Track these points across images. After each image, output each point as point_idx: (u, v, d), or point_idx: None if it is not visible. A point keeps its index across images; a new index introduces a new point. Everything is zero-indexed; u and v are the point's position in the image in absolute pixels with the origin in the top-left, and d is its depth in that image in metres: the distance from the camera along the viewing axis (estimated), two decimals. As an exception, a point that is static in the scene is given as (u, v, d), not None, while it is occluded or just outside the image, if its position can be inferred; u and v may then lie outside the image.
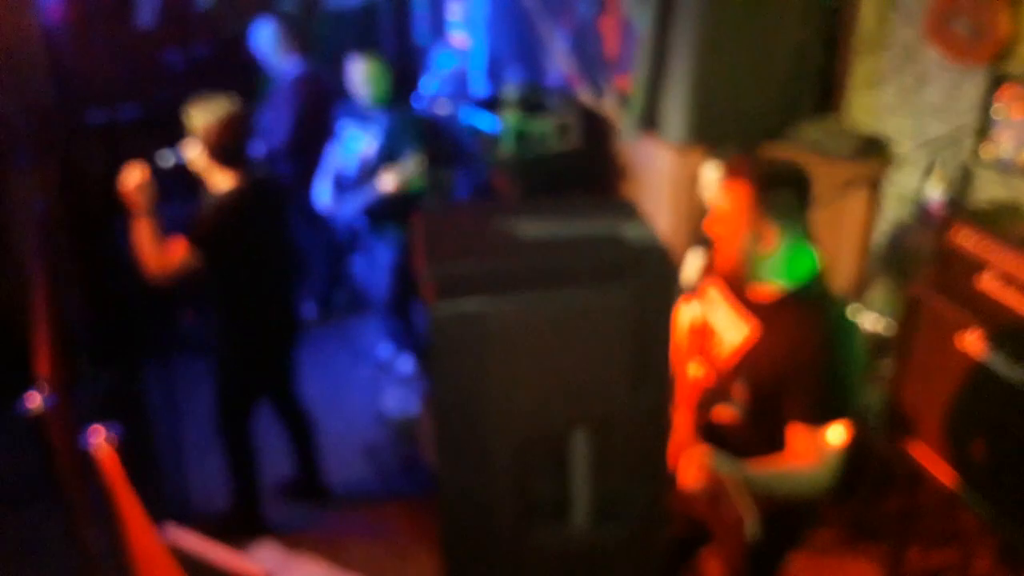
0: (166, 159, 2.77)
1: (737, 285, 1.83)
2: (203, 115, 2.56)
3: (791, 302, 1.76)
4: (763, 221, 1.69)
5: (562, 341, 1.42)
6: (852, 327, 1.81)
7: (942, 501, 2.70)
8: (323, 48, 4.30)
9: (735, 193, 1.72)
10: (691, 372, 1.90)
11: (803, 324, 1.73)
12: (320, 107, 3.90)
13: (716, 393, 1.88)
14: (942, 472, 2.29)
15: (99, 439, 1.93)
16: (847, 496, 2.91)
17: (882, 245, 3.74)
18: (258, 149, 4.03)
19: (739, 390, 1.81)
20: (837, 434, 1.73)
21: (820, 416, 1.71)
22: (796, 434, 1.73)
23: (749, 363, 1.79)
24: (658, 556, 1.74)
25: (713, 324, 1.90)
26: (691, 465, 1.68)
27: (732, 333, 1.84)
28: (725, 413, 1.86)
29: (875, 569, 2.79)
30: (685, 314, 2.08)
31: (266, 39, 4.07)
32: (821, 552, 2.82)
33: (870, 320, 3.19)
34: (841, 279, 3.53)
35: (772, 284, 1.77)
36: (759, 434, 1.80)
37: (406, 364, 3.96)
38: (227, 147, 2.57)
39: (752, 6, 3.64)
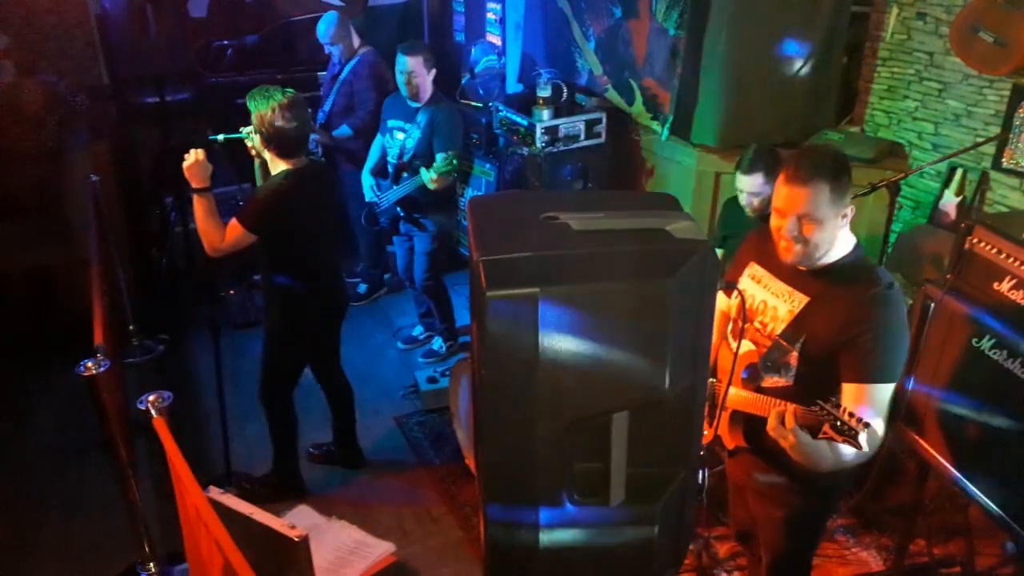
0: (218, 140, 2.93)
1: (791, 264, 1.94)
2: (258, 103, 2.67)
3: (841, 269, 1.90)
4: (830, 210, 1.82)
5: (609, 329, 1.45)
6: (897, 291, 1.89)
7: (949, 496, 2.75)
8: (368, 42, 4.45)
9: (804, 194, 1.80)
10: (741, 349, 1.98)
11: (854, 285, 1.85)
12: (386, 89, 4.06)
13: (768, 364, 1.97)
14: (951, 469, 2.29)
15: (152, 405, 2.03)
16: (854, 488, 2.93)
17: (899, 247, 3.81)
18: (342, 129, 4.23)
19: (794, 357, 1.90)
20: (887, 392, 1.82)
21: (873, 374, 1.80)
22: (850, 392, 1.82)
23: (806, 327, 1.89)
24: (687, 537, 1.80)
25: (765, 300, 2.01)
26: (787, 416, 1.77)
27: (786, 304, 1.95)
28: (777, 383, 1.96)
29: (879, 560, 2.82)
30: (722, 302, 2.22)
31: (333, 27, 4.25)
32: (826, 542, 2.86)
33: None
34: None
35: (826, 257, 1.91)
36: (810, 400, 1.87)
37: (437, 342, 4.12)
38: (280, 134, 2.67)
39: (779, 17, 3.69)
